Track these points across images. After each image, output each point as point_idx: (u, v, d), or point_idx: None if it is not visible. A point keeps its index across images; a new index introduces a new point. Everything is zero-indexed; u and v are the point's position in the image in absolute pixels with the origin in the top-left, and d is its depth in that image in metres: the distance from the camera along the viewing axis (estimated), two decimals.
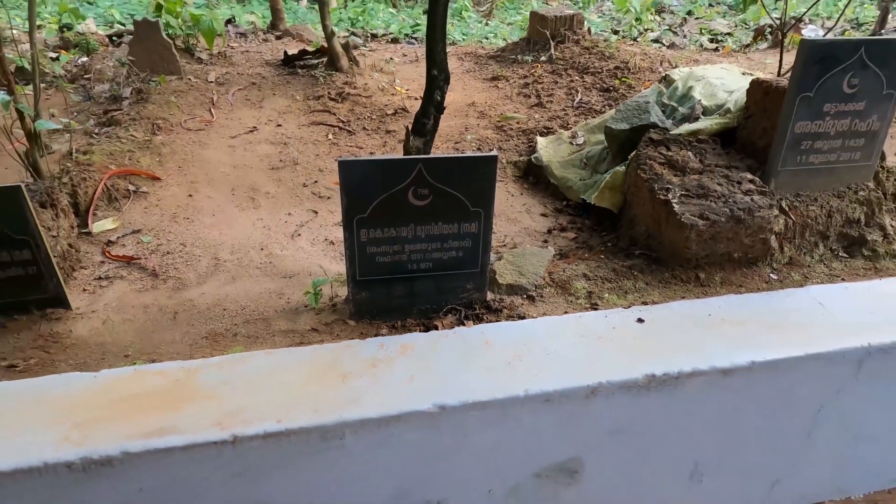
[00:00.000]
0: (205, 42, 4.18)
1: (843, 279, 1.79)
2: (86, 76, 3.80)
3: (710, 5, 9.90)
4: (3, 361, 1.56)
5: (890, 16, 6.70)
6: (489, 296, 1.72)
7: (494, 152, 1.46)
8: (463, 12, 7.91)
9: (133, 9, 7.47)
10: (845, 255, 1.87)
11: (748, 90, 2.03)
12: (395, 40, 5.52)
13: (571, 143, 2.63)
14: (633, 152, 2.08)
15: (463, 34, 5.50)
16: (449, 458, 1.40)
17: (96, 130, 3.04)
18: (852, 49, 1.71)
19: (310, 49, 4.04)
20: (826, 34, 4.96)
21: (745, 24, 7.47)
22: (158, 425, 1.25)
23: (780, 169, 1.84)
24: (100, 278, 1.95)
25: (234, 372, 1.41)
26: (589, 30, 4.13)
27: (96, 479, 1.21)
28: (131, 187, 2.46)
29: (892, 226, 1.89)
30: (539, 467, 1.48)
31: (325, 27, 3.72)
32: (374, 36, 5.63)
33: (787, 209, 1.82)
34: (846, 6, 3.23)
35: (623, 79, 3.26)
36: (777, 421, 1.59)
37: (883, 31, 5.43)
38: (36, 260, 1.66)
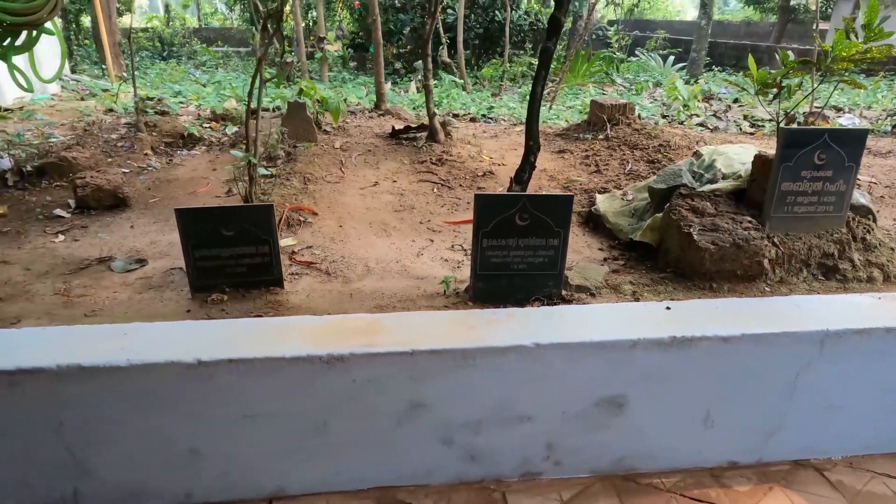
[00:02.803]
0: (330, 118, 5.32)
1: (818, 293, 2.51)
2: (243, 141, 4.95)
3: (756, 94, 10.71)
4: (252, 314, 2.46)
5: None
6: (563, 292, 2.52)
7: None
8: (526, 96, 9.06)
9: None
10: (822, 278, 2.59)
11: (753, 161, 2.83)
12: (473, 119, 6.59)
13: (622, 199, 3.46)
14: (668, 203, 2.88)
15: None
16: (538, 384, 2.17)
17: (262, 181, 4.09)
18: (818, 135, 2.51)
19: (412, 125, 5.09)
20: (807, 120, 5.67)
21: (786, 112, 8.25)
22: (366, 342, 2.09)
23: (772, 215, 2.60)
24: (292, 274, 2.87)
25: (404, 320, 2.24)
26: (638, 115, 5.04)
27: (332, 370, 2.04)
28: (301, 218, 3.43)
29: (858, 260, 2.59)
30: (598, 398, 2.22)
31: (428, 108, 4.77)
32: (455, 115, 6.73)
33: (777, 243, 2.57)
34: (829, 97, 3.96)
35: (665, 154, 4.11)
36: (765, 383, 2.28)
37: None
38: (270, 253, 2.58)
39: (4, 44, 2.32)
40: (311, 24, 15.56)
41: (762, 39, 22.49)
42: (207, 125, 5.70)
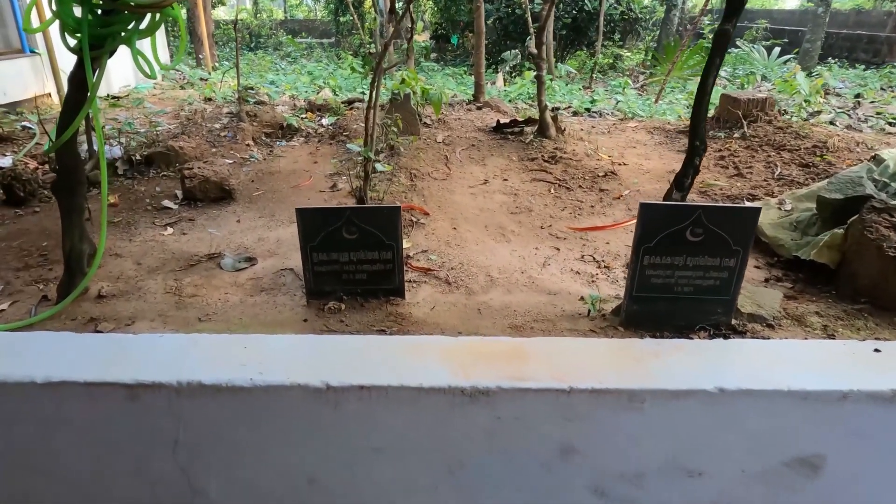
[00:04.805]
0: (429, 110, 5.06)
1: None
2: (344, 133, 4.78)
3: (882, 90, 9.70)
4: (374, 327, 2.21)
5: None
6: (734, 321, 2.13)
7: (759, 205, 1.91)
8: (625, 88, 8.54)
9: (344, 81, 8.88)
10: None
11: None
12: (575, 113, 6.18)
13: (779, 209, 2.99)
14: (855, 217, 2.41)
15: (641, 111, 6.02)
16: (716, 434, 1.80)
17: (361, 175, 3.88)
18: None
19: (519, 119, 4.76)
20: None
21: None
22: (512, 374, 1.79)
23: None
24: (409, 281, 2.61)
25: (553, 347, 1.93)
26: (779, 111, 4.49)
27: (475, 404, 1.76)
28: (413, 219, 3.18)
29: None
30: (787, 457, 1.83)
31: (539, 101, 4.42)
32: (555, 109, 6.34)
33: None
34: None
35: (822, 156, 3.58)
36: None
37: None
38: (393, 260, 2.33)
39: (129, 27, 2.17)
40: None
41: (875, 29, 20.52)
42: (304, 116, 5.59)
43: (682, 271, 2.05)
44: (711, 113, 4.73)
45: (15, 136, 4.63)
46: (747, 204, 3.13)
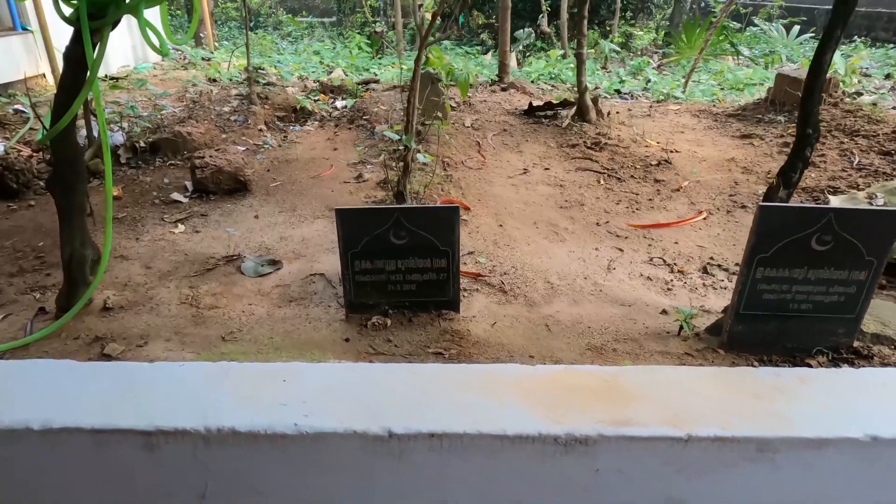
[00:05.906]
0: (454, 92, 4.69)
1: None
2: (364, 117, 4.41)
3: None
4: (429, 349, 1.89)
5: None
6: (856, 343, 1.80)
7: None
8: (644, 67, 8.15)
9: (358, 60, 8.45)
10: None
11: None
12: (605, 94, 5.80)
13: (870, 203, 2.65)
14: None
15: (679, 93, 5.64)
16: (859, 488, 1.49)
17: (393, 165, 3.54)
18: None
19: (554, 101, 4.39)
20: None
21: None
22: (615, 417, 1.47)
23: None
24: (461, 289, 2.28)
25: (655, 379, 1.61)
26: (844, 93, 4.13)
27: (569, 454, 1.44)
28: None
29: None
30: None
31: (579, 83, 4.05)
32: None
33: None
34: None
35: None
36: None
37: None
38: (448, 268, 2.00)
39: None
40: None
41: (888, 6, 19.99)
42: (317, 98, 5.21)
43: (802, 286, 1.72)
44: (763, 94, 4.37)
45: (7, 121, 4.26)
46: (831, 198, 2.79)
